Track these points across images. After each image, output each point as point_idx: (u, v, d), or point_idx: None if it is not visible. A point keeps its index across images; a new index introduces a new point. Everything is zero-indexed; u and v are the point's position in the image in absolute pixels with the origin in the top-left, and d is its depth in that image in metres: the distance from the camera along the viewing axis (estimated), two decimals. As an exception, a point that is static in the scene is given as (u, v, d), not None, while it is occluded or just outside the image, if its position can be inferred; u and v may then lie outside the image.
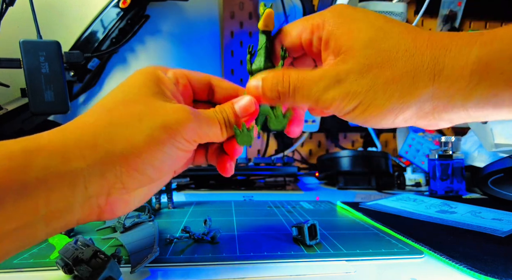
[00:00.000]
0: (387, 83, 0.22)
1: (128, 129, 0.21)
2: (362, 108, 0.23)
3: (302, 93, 0.24)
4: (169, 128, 0.22)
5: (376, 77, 0.22)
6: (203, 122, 0.24)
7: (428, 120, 0.23)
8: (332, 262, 0.29)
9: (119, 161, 0.20)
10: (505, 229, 0.37)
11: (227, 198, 0.57)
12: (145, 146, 0.21)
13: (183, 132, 0.22)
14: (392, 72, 0.21)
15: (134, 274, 0.25)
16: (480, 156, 0.66)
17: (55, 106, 0.52)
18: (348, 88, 0.22)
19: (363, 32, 0.22)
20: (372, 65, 0.22)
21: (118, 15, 0.70)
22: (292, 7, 0.83)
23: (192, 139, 0.23)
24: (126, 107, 0.22)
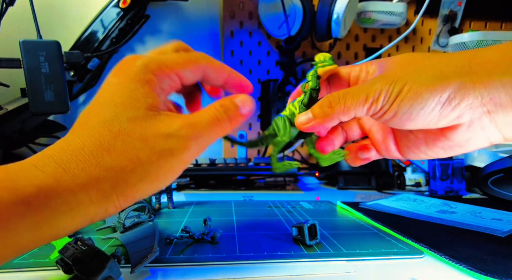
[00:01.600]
0: (428, 68, 0.24)
1: (127, 172, 0.21)
2: (408, 87, 0.23)
3: (352, 94, 0.25)
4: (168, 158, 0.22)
5: (416, 67, 0.25)
6: (205, 135, 0.24)
7: (471, 101, 0.23)
8: (332, 262, 0.29)
9: (118, 198, 0.21)
10: (505, 229, 0.37)
11: (227, 198, 0.57)
12: (143, 183, 0.22)
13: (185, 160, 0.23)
14: (429, 63, 0.24)
15: (134, 274, 0.25)
16: (480, 156, 0.66)
17: (55, 106, 0.52)
18: (392, 76, 0.24)
19: (401, 56, 0.27)
20: (411, 63, 0.25)
21: (118, 15, 0.70)
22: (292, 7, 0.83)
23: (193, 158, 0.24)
24: (123, 143, 0.21)
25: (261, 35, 0.89)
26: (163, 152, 0.22)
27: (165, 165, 0.22)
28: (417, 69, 0.24)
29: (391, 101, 0.24)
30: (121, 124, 0.22)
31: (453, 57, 0.24)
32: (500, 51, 0.22)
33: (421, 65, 0.24)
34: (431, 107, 0.23)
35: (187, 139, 0.22)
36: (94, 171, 0.20)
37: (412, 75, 0.24)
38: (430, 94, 0.23)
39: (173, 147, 0.22)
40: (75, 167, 0.20)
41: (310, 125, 0.27)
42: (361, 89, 0.25)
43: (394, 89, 0.24)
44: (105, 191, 0.21)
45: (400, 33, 0.86)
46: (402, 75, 0.24)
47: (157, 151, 0.22)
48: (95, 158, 0.21)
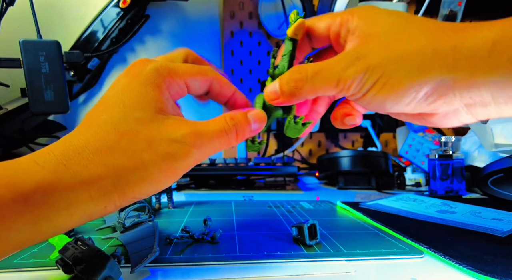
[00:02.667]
0: (408, 56, 0.21)
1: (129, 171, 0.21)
2: (383, 81, 0.22)
3: (322, 75, 0.23)
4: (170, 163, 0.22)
5: (396, 51, 0.22)
6: (208, 144, 0.23)
7: (449, 99, 0.22)
8: (332, 262, 0.29)
9: (118, 197, 0.22)
10: (505, 229, 0.37)
11: (227, 198, 0.57)
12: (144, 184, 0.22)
13: (186, 164, 0.23)
14: (412, 46, 0.21)
15: (134, 274, 0.25)
16: (480, 156, 0.66)
17: (55, 106, 0.52)
18: (369, 62, 0.22)
19: (384, 19, 0.23)
20: (392, 41, 0.22)
21: (118, 15, 0.70)
22: (292, 7, 0.83)
23: (195, 163, 0.24)
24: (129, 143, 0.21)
25: (261, 35, 0.89)
26: (166, 155, 0.22)
27: (167, 168, 0.22)
28: (397, 54, 0.22)
29: (363, 91, 0.23)
30: (128, 124, 0.22)
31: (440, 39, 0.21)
32: (488, 41, 0.19)
33: (404, 46, 0.22)
34: (406, 103, 0.22)
35: (191, 146, 0.22)
36: (96, 169, 0.20)
37: (390, 64, 0.22)
38: (406, 91, 0.22)
39: (176, 152, 0.22)
40: (76, 164, 0.20)
41: (277, 101, 0.26)
42: (332, 71, 0.23)
43: (368, 79, 0.22)
44: (106, 189, 0.21)
45: (400, 33, 0.86)
46: (380, 61, 0.22)
47: (160, 154, 0.22)
48: (98, 156, 0.21)
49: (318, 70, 0.24)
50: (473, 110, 0.22)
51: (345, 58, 0.23)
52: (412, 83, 0.21)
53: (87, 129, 0.22)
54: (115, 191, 0.21)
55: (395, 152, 0.93)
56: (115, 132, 0.21)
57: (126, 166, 0.21)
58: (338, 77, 0.23)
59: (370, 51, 0.23)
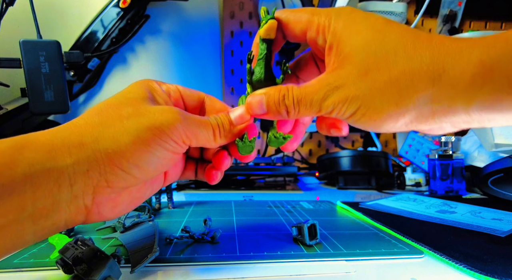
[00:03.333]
0: (386, 86, 0.21)
1: (115, 129, 0.21)
2: (362, 112, 0.22)
3: (305, 104, 0.24)
4: (155, 128, 0.22)
5: (373, 81, 0.21)
6: (193, 124, 0.24)
7: (429, 124, 0.22)
8: (332, 262, 0.29)
9: (103, 160, 0.21)
10: (505, 229, 0.37)
11: (227, 198, 0.57)
12: (130, 146, 0.21)
13: (169, 132, 0.22)
14: (390, 75, 0.21)
15: (134, 273, 0.25)
16: (480, 156, 0.66)
17: (55, 106, 0.52)
18: (347, 93, 0.22)
19: (361, 36, 0.22)
20: (369, 69, 0.22)
21: (118, 15, 0.70)
22: (292, 7, 0.83)
23: (180, 140, 0.23)
24: (115, 110, 0.23)
25: (261, 35, 0.89)
26: (152, 120, 0.22)
27: (154, 134, 0.22)
28: (375, 85, 0.21)
29: (344, 118, 0.24)
30: (118, 99, 0.24)
31: (419, 67, 0.20)
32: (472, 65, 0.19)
33: (382, 74, 0.21)
34: (386, 129, 0.23)
35: (175, 119, 0.23)
36: (79, 128, 0.21)
37: (368, 96, 0.22)
38: (384, 121, 0.22)
39: (161, 120, 0.22)
40: (60, 127, 0.21)
41: (264, 117, 0.26)
42: (313, 100, 0.23)
43: (347, 109, 0.23)
44: (87, 145, 0.21)
45: (400, 33, 0.86)
46: (357, 92, 0.22)
47: (146, 118, 0.22)
48: (83, 119, 0.22)
49: (301, 99, 0.24)
50: (457, 125, 0.23)
51: (325, 87, 0.23)
52: (389, 114, 0.22)
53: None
54: (98, 150, 0.21)
55: (395, 152, 0.93)
56: (104, 104, 0.23)
57: (112, 125, 0.21)
58: (319, 106, 0.23)
59: (347, 80, 0.22)
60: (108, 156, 0.21)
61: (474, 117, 0.21)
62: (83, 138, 0.21)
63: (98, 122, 0.22)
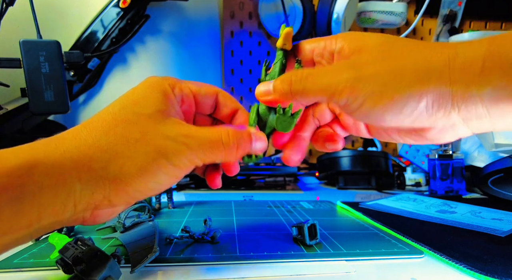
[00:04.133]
0: (403, 70, 0.21)
1: (123, 159, 0.21)
2: (381, 89, 0.21)
3: (314, 78, 0.23)
4: (160, 158, 0.22)
5: (391, 65, 0.21)
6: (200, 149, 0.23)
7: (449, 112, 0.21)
8: (332, 262, 0.29)
9: (109, 186, 0.21)
10: (505, 229, 0.37)
11: (227, 198, 0.57)
12: (136, 176, 0.22)
13: (176, 161, 0.22)
14: (406, 61, 0.21)
15: (134, 273, 0.25)
16: (480, 156, 0.66)
17: (55, 106, 0.52)
18: (364, 71, 0.22)
19: (374, 38, 0.23)
20: (386, 56, 0.22)
21: (118, 15, 0.70)
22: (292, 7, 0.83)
23: (185, 166, 0.23)
24: (123, 131, 0.22)
25: (261, 35, 0.89)
26: (159, 149, 0.22)
27: (160, 163, 0.22)
28: (393, 68, 0.21)
29: (359, 102, 0.22)
30: (127, 115, 0.22)
31: (433, 53, 0.21)
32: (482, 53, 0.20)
33: (399, 60, 0.22)
34: (407, 113, 0.22)
35: (183, 145, 0.22)
36: (88, 150, 0.21)
37: (387, 74, 0.21)
38: (406, 101, 0.21)
39: (168, 148, 0.22)
40: (68, 144, 0.21)
41: (268, 98, 0.26)
42: (324, 75, 0.23)
43: (362, 89, 0.21)
44: (96, 172, 0.21)
45: (400, 33, 0.86)
46: (375, 72, 0.21)
47: (153, 146, 0.22)
48: (91, 138, 0.21)
49: (312, 73, 0.23)
50: (470, 124, 0.22)
51: (339, 65, 0.23)
52: (412, 93, 0.21)
53: (88, 120, 0.22)
54: (106, 177, 0.21)
55: (395, 152, 0.93)
56: (112, 119, 0.22)
57: (119, 152, 0.21)
58: (329, 82, 0.22)
59: (365, 62, 0.22)
60: (114, 183, 0.21)
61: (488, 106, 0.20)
62: (92, 163, 0.21)
63: (106, 146, 0.21)
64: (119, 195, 0.22)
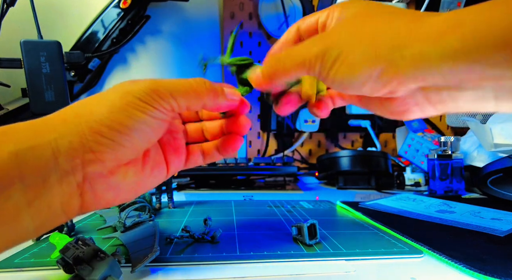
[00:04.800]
0: (365, 34, 0.22)
1: (97, 103, 0.23)
2: (341, 58, 0.22)
3: (291, 56, 0.25)
4: (127, 94, 0.23)
5: (357, 31, 0.23)
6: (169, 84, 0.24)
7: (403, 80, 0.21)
8: (331, 262, 0.29)
9: (83, 130, 0.21)
10: (504, 228, 0.37)
11: (227, 198, 0.57)
12: (108, 114, 0.22)
13: (143, 97, 0.23)
14: (372, 27, 0.22)
15: (135, 273, 0.25)
16: (480, 156, 0.66)
17: (56, 106, 0.52)
18: (329, 41, 0.23)
19: (359, 8, 0.24)
20: (356, 24, 0.23)
21: (119, 15, 0.70)
22: (292, 7, 0.83)
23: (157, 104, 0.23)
24: (105, 91, 0.24)
25: (261, 35, 0.89)
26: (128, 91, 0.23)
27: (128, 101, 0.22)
28: (355, 34, 0.22)
29: (326, 69, 0.23)
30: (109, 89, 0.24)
31: (396, 24, 0.21)
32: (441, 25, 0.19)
33: (363, 28, 0.22)
34: (361, 81, 0.22)
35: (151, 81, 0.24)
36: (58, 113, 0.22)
37: (349, 43, 0.22)
38: (360, 69, 0.22)
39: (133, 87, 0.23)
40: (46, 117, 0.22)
41: (259, 83, 0.27)
42: (299, 51, 0.24)
43: (329, 58, 0.23)
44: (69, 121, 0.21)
45: (400, 33, 0.86)
46: (338, 40, 0.23)
47: (122, 90, 0.23)
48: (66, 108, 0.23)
49: (289, 52, 0.25)
50: (428, 96, 0.23)
51: (312, 39, 0.24)
52: (366, 61, 0.22)
53: None
54: (79, 123, 0.21)
55: (395, 152, 0.93)
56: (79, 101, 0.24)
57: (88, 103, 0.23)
58: (303, 57, 0.24)
59: (333, 32, 0.24)
60: (88, 126, 0.21)
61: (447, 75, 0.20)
62: (67, 116, 0.22)
63: (84, 102, 0.23)
64: (98, 139, 0.21)
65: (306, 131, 0.90)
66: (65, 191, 0.21)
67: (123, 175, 0.24)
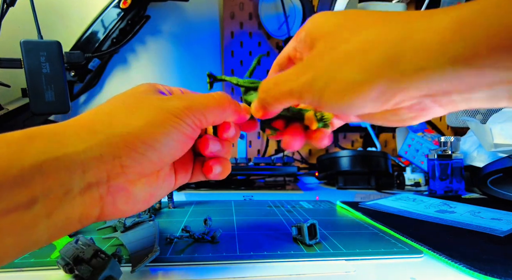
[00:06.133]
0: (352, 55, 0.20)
1: (128, 114, 0.22)
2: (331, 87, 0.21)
3: (279, 88, 0.24)
4: (166, 111, 0.23)
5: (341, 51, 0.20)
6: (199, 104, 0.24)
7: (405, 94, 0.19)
8: (331, 262, 0.29)
9: (117, 143, 0.20)
10: (504, 228, 0.37)
11: (227, 198, 0.57)
12: (145, 128, 0.22)
13: (180, 114, 0.23)
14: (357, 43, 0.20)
15: (135, 273, 0.26)
16: (479, 156, 0.66)
17: (56, 106, 0.53)
18: (315, 69, 0.22)
19: (332, 21, 0.22)
20: (338, 41, 0.21)
21: (119, 15, 0.70)
22: (292, 7, 0.83)
23: (190, 121, 0.24)
24: (124, 99, 0.24)
25: (261, 35, 0.89)
26: (162, 107, 0.23)
27: (166, 117, 0.23)
28: (341, 56, 0.20)
29: (317, 99, 0.22)
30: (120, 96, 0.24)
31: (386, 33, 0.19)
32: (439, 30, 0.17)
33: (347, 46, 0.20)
34: (360, 105, 0.21)
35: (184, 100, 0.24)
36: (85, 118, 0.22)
37: (334, 69, 0.20)
38: (356, 94, 0.20)
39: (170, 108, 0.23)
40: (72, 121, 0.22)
41: (260, 115, 0.27)
42: (286, 83, 0.23)
43: (316, 87, 0.21)
44: (99, 131, 0.21)
45: (400, 33, 0.86)
46: (324, 67, 0.21)
47: (156, 106, 0.23)
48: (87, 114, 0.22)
49: (277, 83, 0.24)
50: (437, 99, 0.20)
51: (297, 68, 0.23)
52: (359, 85, 0.20)
53: None
54: (112, 134, 0.21)
55: (395, 152, 0.93)
56: (112, 98, 0.24)
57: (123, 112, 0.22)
58: (291, 88, 0.23)
59: (316, 57, 0.22)
60: (122, 139, 0.21)
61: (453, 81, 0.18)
62: (95, 125, 0.21)
63: (108, 111, 0.22)
64: (131, 154, 0.21)
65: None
66: (86, 203, 0.20)
67: (141, 187, 0.24)
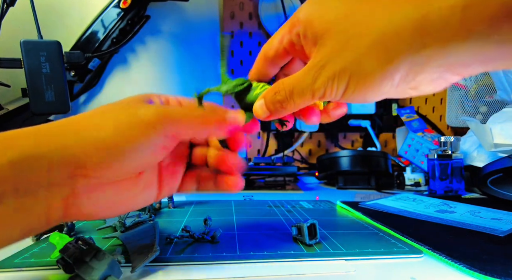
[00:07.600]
0: (370, 49, 0.20)
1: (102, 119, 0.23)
2: (355, 80, 0.21)
3: (297, 93, 0.23)
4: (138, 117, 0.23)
5: (357, 47, 0.20)
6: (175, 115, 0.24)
7: (429, 72, 0.20)
8: (331, 262, 0.29)
9: (83, 146, 0.21)
10: (504, 228, 0.37)
11: (227, 198, 0.57)
12: (113, 132, 0.22)
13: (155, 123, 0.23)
14: (373, 36, 0.20)
15: (135, 273, 0.26)
16: (479, 156, 0.66)
17: (56, 106, 0.53)
18: (333, 68, 0.21)
19: (334, 11, 0.21)
20: (350, 37, 0.20)
21: (119, 15, 0.70)
22: (292, 7, 0.83)
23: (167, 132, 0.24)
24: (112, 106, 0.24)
25: (261, 35, 0.89)
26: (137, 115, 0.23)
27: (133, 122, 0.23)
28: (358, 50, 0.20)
29: (339, 95, 0.22)
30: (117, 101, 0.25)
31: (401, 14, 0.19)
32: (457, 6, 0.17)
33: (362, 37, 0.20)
34: (384, 91, 0.21)
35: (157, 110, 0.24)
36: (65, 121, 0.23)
37: (354, 63, 0.20)
38: (380, 83, 0.20)
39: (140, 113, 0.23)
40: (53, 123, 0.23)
41: (269, 118, 0.26)
42: (304, 86, 0.23)
43: (339, 85, 0.21)
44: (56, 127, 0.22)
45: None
46: (343, 64, 0.21)
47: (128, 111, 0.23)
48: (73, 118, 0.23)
49: (293, 88, 0.24)
50: (457, 70, 0.20)
51: (312, 69, 0.23)
52: (382, 74, 0.20)
53: None
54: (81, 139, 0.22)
55: (395, 152, 0.93)
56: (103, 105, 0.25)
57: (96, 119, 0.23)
58: (311, 91, 0.23)
59: (331, 55, 0.21)
60: (88, 142, 0.22)
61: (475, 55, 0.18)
62: (68, 127, 0.22)
63: (89, 114, 0.24)
64: (93, 159, 0.21)
65: (306, 131, 0.90)
66: (49, 203, 0.21)
67: (111, 192, 0.24)
